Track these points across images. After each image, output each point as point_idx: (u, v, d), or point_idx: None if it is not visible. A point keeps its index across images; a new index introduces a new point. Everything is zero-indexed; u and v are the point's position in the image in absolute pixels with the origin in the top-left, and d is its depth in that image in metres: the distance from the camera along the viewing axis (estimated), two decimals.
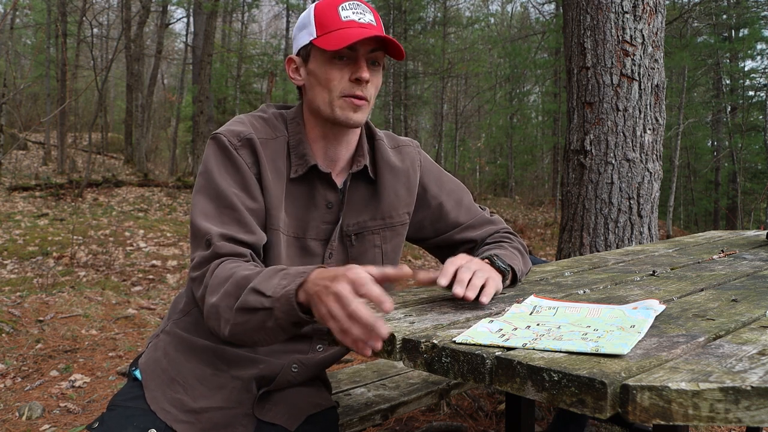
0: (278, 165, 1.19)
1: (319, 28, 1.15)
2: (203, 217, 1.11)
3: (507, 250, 1.28)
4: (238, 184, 1.14)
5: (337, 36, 1.12)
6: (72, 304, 3.99)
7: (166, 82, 26.62)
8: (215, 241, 1.08)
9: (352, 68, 1.15)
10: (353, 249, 1.26)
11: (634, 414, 0.62)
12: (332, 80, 1.15)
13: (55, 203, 10.58)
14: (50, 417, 2.52)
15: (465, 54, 19.31)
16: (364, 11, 1.17)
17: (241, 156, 1.15)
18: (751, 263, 1.57)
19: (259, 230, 1.13)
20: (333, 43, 1.11)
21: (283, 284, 0.94)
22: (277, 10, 24.72)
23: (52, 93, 16.95)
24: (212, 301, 1.02)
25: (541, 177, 23.05)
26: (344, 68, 1.15)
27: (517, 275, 1.23)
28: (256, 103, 18.85)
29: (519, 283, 1.28)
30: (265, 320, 0.95)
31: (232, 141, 1.16)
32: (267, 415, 1.18)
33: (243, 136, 1.17)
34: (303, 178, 1.21)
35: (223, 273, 1.03)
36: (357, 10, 1.16)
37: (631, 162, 2.75)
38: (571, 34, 2.89)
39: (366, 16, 1.17)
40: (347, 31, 1.12)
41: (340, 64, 1.15)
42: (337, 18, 1.15)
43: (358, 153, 1.26)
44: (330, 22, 1.15)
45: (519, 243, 1.37)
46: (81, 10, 15.48)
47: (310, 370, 1.25)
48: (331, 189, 1.23)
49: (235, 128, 1.18)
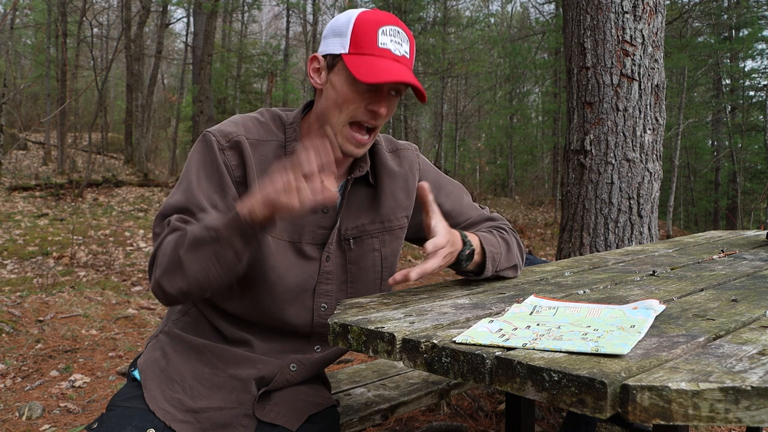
0: (268, 168, 1.17)
1: (353, 44, 1.13)
2: (170, 201, 1.15)
3: (494, 237, 1.28)
4: (213, 185, 1.15)
5: (369, 65, 1.10)
6: (72, 304, 3.99)
7: (166, 82, 26.63)
8: (173, 219, 1.11)
9: (372, 98, 1.13)
10: (352, 252, 1.26)
11: (634, 414, 0.62)
12: (349, 103, 1.13)
13: (55, 203, 10.59)
14: (50, 417, 2.52)
15: (465, 54, 19.32)
16: (401, 41, 1.14)
17: (226, 157, 1.16)
18: (751, 263, 1.57)
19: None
20: (362, 72, 1.09)
21: (221, 216, 1.05)
22: (277, 11, 24.73)
23: (52, 93, 16.96)
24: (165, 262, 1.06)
25: (541, 177, 23.06)
26: (365, 94, 1.13)
27: (487, 259, 1.23)
28: (256, 103, 18.86)
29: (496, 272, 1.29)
30: (216, 249, 1.01)
31: (220, 141, 1.16)
32: (268, 415, 1.18)
33: (232, 138, 1.17)
34: None
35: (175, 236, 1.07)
36: (396, 38, 1.14)
37: (631, 162, 2.75)
38: (571, 34, 2.89)
39: (402, 47, 1.14)
40: (380, 63, 1.10)
41: (363, 87, 1.13)
42: (374, 42, 1.12)
43: (361, 159, 1.25)
44: (366, 43, 1.12)
45: (513, 237, 1.37)
46: (81, 10, 15.48)
47: (309, 369, 1.25)
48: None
49: (227, 129, 1.18)
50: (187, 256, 1.03)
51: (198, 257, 1.03)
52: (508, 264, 1.32)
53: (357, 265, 1.26)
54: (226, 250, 1.02)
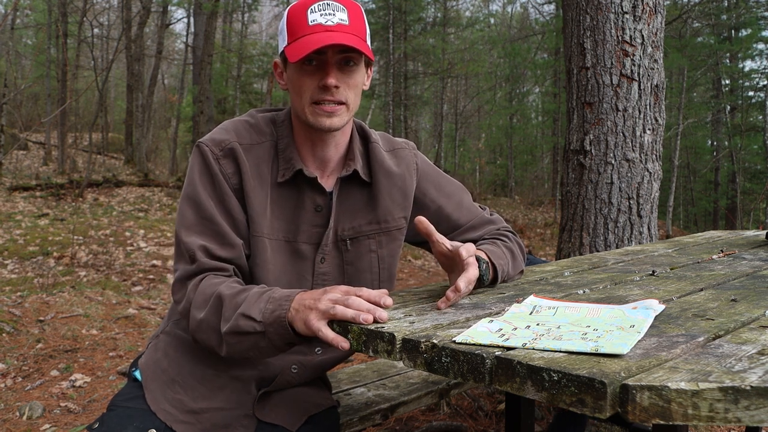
0: (262, 170, 1.18)
1: (290, 34, 1.14)
2: (185, 230, 1.15)
3: (498, 248, 1.27)
4: (216, 196, 1.16)
5: (300, 45, 1.09)
6: (72, 304, 3.99)
7: (166, 82, 26.63)
8: (198, 257, 1.12)
9: (321, 74, 1.12)
10: (348, 254, 1.25)
11: (634, 414, 0.62)
12: (302, 86, 1.14)
13: (55, 203, 10.59)
14: (51, 417, 2.52)
15: (465, 54, 19.32)
16: (334, 11, 1.13)
17: (222, 166, 1.16)
18: (750, 263, 1.57)
19: (237, 241, 1.16)
20: (293, 54, 1.09)
21: (270, 308, 1.01)
22: (277, 11, 24.72)
23: (52, 93, 16.96)
24: (199, 317, 1.07)
25: (541, 177, 23.04)
26: (314, 74, 1.13)
27: (498, 274, 1.22)
28: (256, 103, 18.85)
29: (503, 282, 1.28)
30: (258, 341, 1.03)
31: (214, 151, 1.17)
32: (268, 416, 1.18)
33: (225, 146, 1.17)
34: (290, 181, 1.20)
35: (208, 289, 1.08)
36: (326, 11, 1.12)
37: (631, 162, 2.75)
38: (570, 34, 2.90)
39: (336, 16, 1.12)
40: (310, 38, 1.09)
41: (310, 69, 1.13)
42: (305, 23, 1.12)
43: (348, 156, 1.24)
44: (298, 28, 1.12)
45: (515, 243, 1.36)
46: (81, 10, 15.48)
47: (310, 372, 1.25)
48: (318, 192, 1.21)
49: (218, 137, 1.18)
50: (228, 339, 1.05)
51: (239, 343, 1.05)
52: (515, 272, 1.32)
53: (354, 266, 1.25)
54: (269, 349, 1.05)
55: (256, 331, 1.01)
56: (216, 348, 1.08)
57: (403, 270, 7.19)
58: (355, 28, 1.13)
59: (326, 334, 0.95)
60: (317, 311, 0.97)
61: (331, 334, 0.95)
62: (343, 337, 0.95)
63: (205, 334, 1.08)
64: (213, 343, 1.08)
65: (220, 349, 1.07)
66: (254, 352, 1.05)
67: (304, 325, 0.98)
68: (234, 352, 1.06)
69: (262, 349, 1.03)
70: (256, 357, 1.09)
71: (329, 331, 0.95)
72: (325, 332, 0.95)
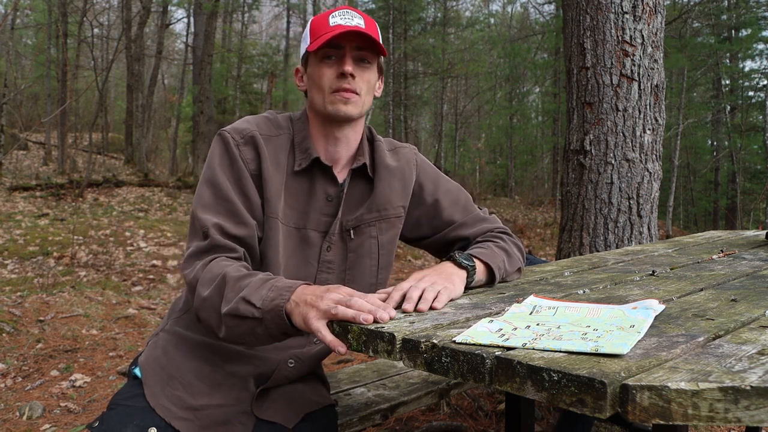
0: (280, 159, 1.26)
1: (312, 36, 1.26)
2: (202, 208, 1.20)
3: (489, 249, 1.31)
4: (234, 178, 1.22)
5: (321, 39, 1.22)
6: (72, 304, 3.99)
7: (166, 82, 26.63)
8: (211, 233, 1.17)
9: (339, 65, 1.23)
10: (352, 242, 1.31)
11: (634, 414, 0.62)
12: (323, 78, 1.24)
13: (55, 203, 10.59)
14: (51, 416, 2.52)
15: (465, 54, 19.32)
16: (353, 17, 1.25)
17: (242, 152, 1.23)
18: (750, 263, 1.57)
19: (251, 221, 1.21)
20: (316, 44, 1.21)
21: (270, 297, 1.03)
22: (277, 11, 24.75)
23: (52, 93, 16.96)
24: (204, 294, 1.10)
25: (541, 177, 23.04)
26: (333, 66, 1.24)
27: (495, 272, 1.26)
28: (256, 103, 18.86)
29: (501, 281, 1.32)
30: (255, 327, 1.05)
31: (235, 138, 1.24)
32: (265, 413, 1.20)
33: (246, 134, 1.25)
34: (305, 171, 1.27)
35: (216, 269, 1.11)
36: (346, 16, 1.25)
37: (631, 162, 2.75)
38: (570, 34, 2.90)
39: (354, 20, 1.24)
40: (330, 32, 1.22)
41: (329, 62, 1.24)
42: (326, 24, 1.25)
43: (359, 152, 1.33)
44: (320, 30, 1.25)
45: (511, 243, 1.39)
46: (81, 10, 15.48)
47: (307, 364, 1.27)
48: (331, 182, 1.28)
49: (240, 126, 1.27)
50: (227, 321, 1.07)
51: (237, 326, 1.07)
52: (513, 269, 1.36)
53: (356, 252, 1.31)
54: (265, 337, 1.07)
55: (254, 317, 1.03)
56: (215, 328, 1.10)
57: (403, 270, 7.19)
58: (371, 33, 1.24)
59: (325, 336, 0.97)
60: (317, 310, 0.98)
61: (329, 337, 0.96)
62: (343, 337, 0.95)
63: (207, 313, 1.10)
64: (213, 323, 1.10)
65: (219, 329, 1.09)
66: (251, 337, 1.07)
67: (302, 321, 0.99)
68: (232, 335, 1.08)
69: (258, 335, 1.06)
70: (252, 343, 1.11)
71: (328, 333, 0.97)
72: (324, 334, 0.97)
